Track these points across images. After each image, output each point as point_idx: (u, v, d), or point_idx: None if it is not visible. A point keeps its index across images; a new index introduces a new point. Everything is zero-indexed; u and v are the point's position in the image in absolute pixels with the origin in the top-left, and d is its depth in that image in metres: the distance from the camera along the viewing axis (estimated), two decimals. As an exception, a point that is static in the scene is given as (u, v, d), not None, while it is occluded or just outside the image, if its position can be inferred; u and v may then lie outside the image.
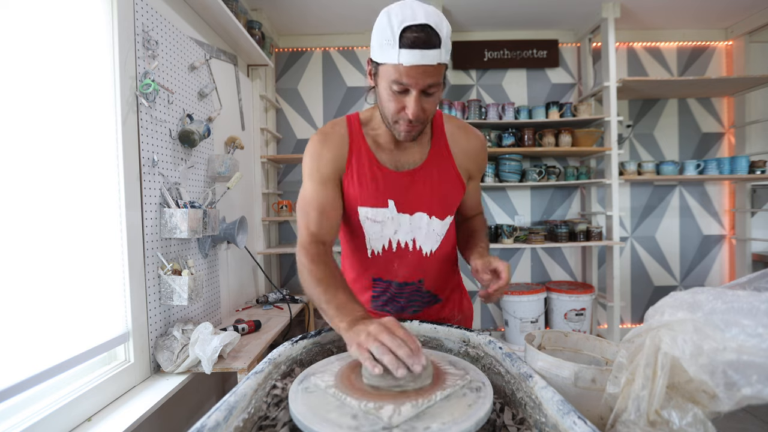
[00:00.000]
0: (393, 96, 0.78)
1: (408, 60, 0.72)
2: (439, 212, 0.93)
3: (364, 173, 0.91)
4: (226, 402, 0.52)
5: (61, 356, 1.06)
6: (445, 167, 0.93)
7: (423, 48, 0.71)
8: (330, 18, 2.76)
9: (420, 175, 0.91)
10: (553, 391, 0.52)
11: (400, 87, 0.76)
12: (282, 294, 2.33)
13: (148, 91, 1.35)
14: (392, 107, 0.80)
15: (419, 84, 0.75)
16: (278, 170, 2.99)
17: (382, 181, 0.91)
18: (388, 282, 0.99)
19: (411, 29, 0.71)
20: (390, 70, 0.75)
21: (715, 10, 2.73)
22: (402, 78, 0.74)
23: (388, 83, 0.77)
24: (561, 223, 2.70)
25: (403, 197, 0.91)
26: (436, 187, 0.92)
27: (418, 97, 0.76)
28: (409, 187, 0.91)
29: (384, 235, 0.94)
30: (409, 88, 0.76)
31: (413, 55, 0.72)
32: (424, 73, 0.74)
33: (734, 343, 0.43)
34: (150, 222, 1.38)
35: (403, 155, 0.92)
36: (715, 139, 3.06)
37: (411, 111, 0.77)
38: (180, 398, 1.61)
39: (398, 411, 0.50)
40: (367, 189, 0.91)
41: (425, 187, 0.92)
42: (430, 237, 0.95)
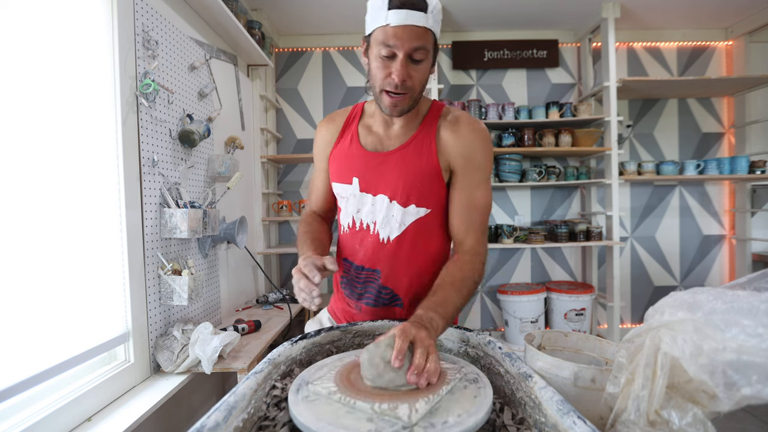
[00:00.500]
0: (381, 63, 0.79)
1: (395, 19, 0.75)
2: (401, 197, 0.88)
3: (342, 151, 0.95)
4: (225, 402, 0.52)
5: (61, 356, 1.06)
6: (420, 154, 0.88)
7: (410, 9, 0.74)
8: (330, 18, 2.76)
9: (392, 158, 0.89)
10: (552, 391, 0.52)
11: (388, 50, 0.77)
12: (282, 294, 2.33)
13: (148, 91, 1.35)
14: (380, 75, 0.80)
15: (405, 45, 0.76)
16: (278, 170, 3.00)
17: (352, 159, 0.93)
18: (349, 263, 0.98)
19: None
20: (379, 34, 0.78)
21: (715, 10, 2.73)
22: (389, 39, 0.76)
23: (377, 50, 0.79)
24: (561, 223, 2.70)
25: (368, 177, 0.91)
26: (404, 172, 0.88)
27: (404, 61, 0.77)
28: (376, 168, 0.90)
29: (348, 213, 0.96)
30: (395, 51, 0.77)
31: (400, 14, 0.75)
32: (411, 33, 0.75)
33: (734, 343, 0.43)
34: (150, 222, 1.38)
35: (386, 140, 0.92)
36: (715, 139, 3.06)
37: (396, 73, 0.77)
38: (180, 398, 1.61)
39: (414, 409, 0.51)
40: (338, 165, 0.95)
41: (393, 170, 0.89)
42: (389, 222, 0.91)
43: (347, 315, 1.03)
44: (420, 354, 0.58)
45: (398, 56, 0.77)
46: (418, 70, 0.80)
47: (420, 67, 0.80)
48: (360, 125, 0.96)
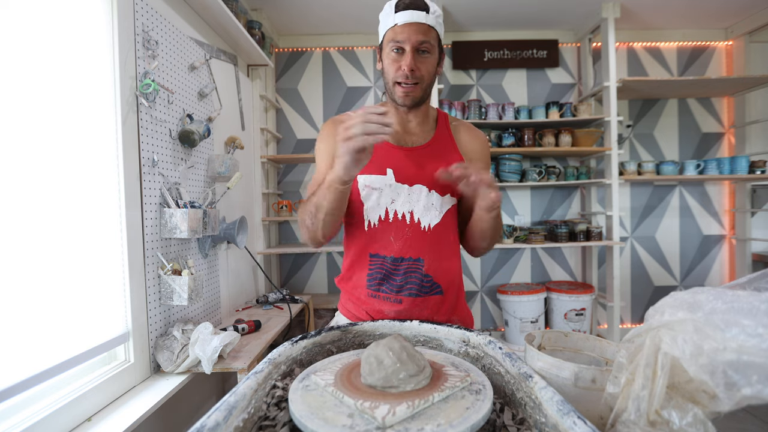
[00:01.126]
0: (392, 59, 0.91)
1: (401, 19, 0.89)
2: (439, 187, 0.96)
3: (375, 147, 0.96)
4: (225, 402, 0.52)
5: (61, 356, 1.06)
6: (448, 149, 1.01)
7: (412, 9, 0.89)
8: (330, 18, 2.76)
9: (423, 152, 0.98)
10: (553, 392, 0.52)
11: (397, 45, 0.90)
12: (282, 294, 2.33)
13: (148, 91, 1.35)
14: (392, 69, 0.92)
15: (411, 39, 0.89)
16: (278, 170, 2.99)
17: (383, 152, 0.97)
18: (382, 257, 0.96)
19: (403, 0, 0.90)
20: (389, 35, 0.91)
21: (715, 10, 2.73)
22: (397, 36, 0.89)
23: (388, 50, 0.92)
24: (561, 223, 2.70)
25: (402, 168, 0.96)
26: (438, 164, 0.92)
27: (412, 53, 0.90)
28: (409, 161, 0.97)
29: (381, 204, 0.96)
30: (403, 45, 0.90)
31: (404, 15, 0.89)
32: (416, 29, 0.89)
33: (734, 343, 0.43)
34: (150, 222, 1.38)
35: (407, 135, 1.00)
36: (715, 139, 3.06)
37: (406, 63, 0.89)
38: (180, 398, 1.61)
39: (393, 411, 0.50)
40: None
41: (430, 162, 0.97)
42: (429, 210, 0.96)
43: (378, 315, 0.97)
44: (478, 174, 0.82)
45: (406, 50, 0.89)
46: (425, 62, 0.91)
47: (427, 59, 0.91)
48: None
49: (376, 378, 0.57)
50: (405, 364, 0.58)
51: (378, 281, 0.97)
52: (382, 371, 0.58)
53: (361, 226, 0.97)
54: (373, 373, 0.58)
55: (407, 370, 0.58)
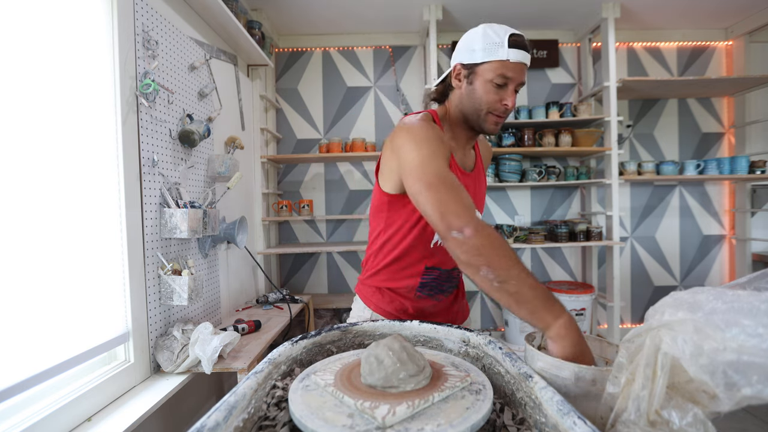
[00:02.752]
0: (493, 89, 0.92)
1: (515, 57, 0.90)
2: (481, 208, 1.09)
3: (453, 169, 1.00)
4: (225, 402, 0.52)
5: (61, 356, 1.06)
6: (482, 169, 1.11)
7: (525, 50, 0.92)
8: (330, 18, 2.76)
9: (477, 176, 1.07)
10: (553, 392, 0.52)
11: (503, 80, 0.91)
12: (282, 294, 2.33)
13: (148, 91, 1.35)
14: (491, 98, 0.93)
15: (518, 78, 0.92)
16: (278, 170, 2.99)
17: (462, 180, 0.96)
18: (440, 270, 1.06)
19: (516, 36, 0.91)
20: (496, 66, 0.91)
21: (715, 10, 2.73)
22: (508, 72, 0.91)
23: (491, 77, 0.92)
24: (561, 223, 2.70)
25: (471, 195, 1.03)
26: (480, 187, 1.09)
27: (514, 90, 0.93)
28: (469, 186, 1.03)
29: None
30: (509, 83, 0.92)
31: (519, 54, 0.91)
32: (522, 70, 0.92)
33: (734, 344, 0.43)
34: (150, 222, 1.38)
35: (464, 157, 1.05)
36: (715, 139, 3.06)
37: (510, 101, 0.93)
38: (180, 398, 1.61)
39: (393, 411, 0.50)
40: None
41: (476, 186, 1.06)
42: None
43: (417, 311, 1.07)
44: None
45: (509, 87, 0.92)
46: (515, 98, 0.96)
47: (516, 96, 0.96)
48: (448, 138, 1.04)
49: (376, 378, 0.57)
50: (405, 364, 0.58)
51: (429, 288, 1.07)
52: (382, 371, 0.58)
53: (427, 243, 1.02)
54: (373, 373, 0.58)
55: (407, 370, 0.58)
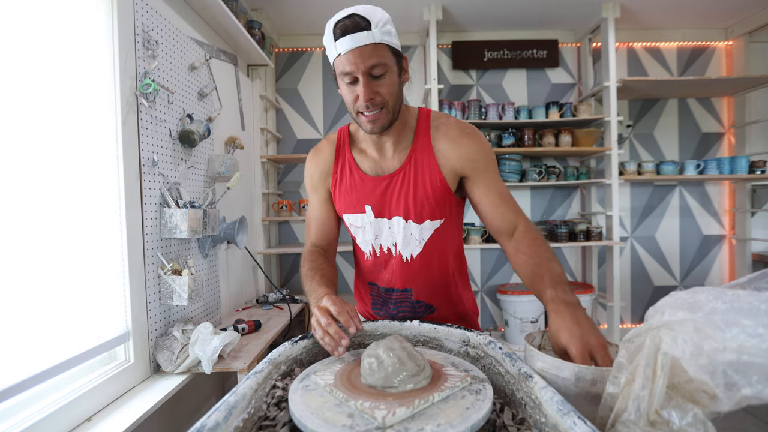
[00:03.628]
0: (348, 90, 0.83)
1: (343, 47, 0.78)
2: (415, 215, 0.92)
3: (345, 182, 0.96)
4: (225, 402, 0.52)
5: (62, 356, 1.06)
6: (424, 168, 0.91)
7: (351, 32, 0.78)
8: (330, 18, 2.75)
9: (397, 178, 0.92)
10: (552, 392, 0.52)
11: (348, 77, 0.81)
12: (282, 294, 2.33)
13: (148, 91, 1.35)
14: (350, 100, 0.84)
15: (360, 66, 0.79)
16: (278, 170, 2.99)
17: (360, 187, 0.94)
18: (378, 287, 1.02)
19: (340, 22, 0.79)
20: (337, 65, 0.82)
21: (715, 10, 2.73)
22: (345, 66, 0.80)
23: (341, 80, 0.83)
24: (561, 223, 2.70)
25: (379, 202, 0.93)
26: (413, 191, 0.91)
27: (366, 81, 0.80)
28: (384, 192, 0.93)
29: (367, 240, 0.98)
30: (354, 75, 0.80)
31: (345, 42, 0.78)
32: (361, 55, 0.78)
33: (734, 344, 0.43)
34: (150, 222, 1.38)
35: (383, 160, 0.94)
36: (715, 139, 3.06)
37: (362, 94, 0.81)
38: (180, 398, 1.61)
39: (393, 412, 0.50)
40: (347, 196, 0.96)
41: (401, 190, 0.91)
42: (409, 242, 0.94)
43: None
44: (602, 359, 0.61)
45: (359, 79, 0.80)
46: (383, 85, 0.82)
47: (384, 81, 0.82)
48: (353, 151, 0.97)
49: (376, 378, 0.57)
50: (405, 364, 0.58)
51: (379, 306, 1.05)
52: (382, 371, 0.58)
53: (362, 256, 1.02)
54: (373, 373, 0.58)
55: (407, 370, 0.58)
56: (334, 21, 0.80)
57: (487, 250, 2.99)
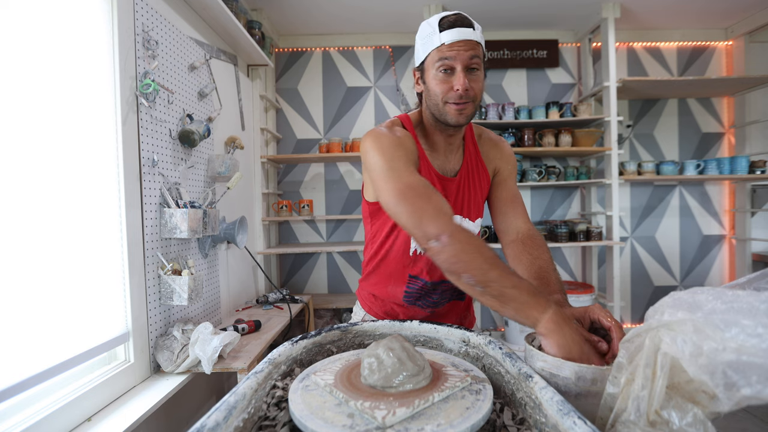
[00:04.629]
0: (441, 78, 0.86)
1: (449, 38, 0.83)
2: (471, 214, 1.00)
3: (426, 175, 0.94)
4: (225, 402, 0.52)
5: (62, 356, 1.06)
6: (478, 170, 1.00)
7: (459, 27, 0.84)
8: (330, 18, 2.76)
9: (461, 181, 0.98)
10: (553, 392, 0.52)
11: (446, 64, 0.84)
12: (282, 294, 2.33)
13: (148, 91, 1.35)
14: (442, 88, 0.86)
15: (462, 57, 0.84)
16: (278, 170, 2.99)
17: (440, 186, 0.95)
18: (423, 281, 1.01)
19: (447, 17, 0.85)
20: (435, 55, 0.86)
21: (715, 10, 2.73)
22: (446, 54, 0.84)
23: (435, 69, 0.86)
24: (561, 223, 2.70)
25: (451, 201, 0.96)
26: (472, 193, 0.99)
27: (463, 72, 0.84)
28: (451, 192, 0.97)
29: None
30: (453, 65, 0.84)
31: (452, 33, 0.83)
32: (465, 46, 0.83)
33: (734, 344, 0.43)
34: (150, 222, 1.38)
35: (445, 160, 0.98)
36: (715, 139, 3.06)
37: (459, 83, 0.84)
38: (180, 398, 1.61)
39: (393, 412, 0.50)
40: None
41: (464, 192, 0.98)
42: None
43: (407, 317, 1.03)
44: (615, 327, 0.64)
45: (457, 69, 0.84)
46: (476, 80, 0.86)
47: (477, 76, 0.86)
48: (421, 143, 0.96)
49: (376, 378, 0.57)
50: (405, 364, 0.58)
51: (415, 297, 1.04)
52: (382, 371, 0.58)
53: (407, 251, 1.00)
54: (373, 374, 0.58)
55: (407, 370, 0.58)
56: (439, 17, 0.86)
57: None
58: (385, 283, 1.06)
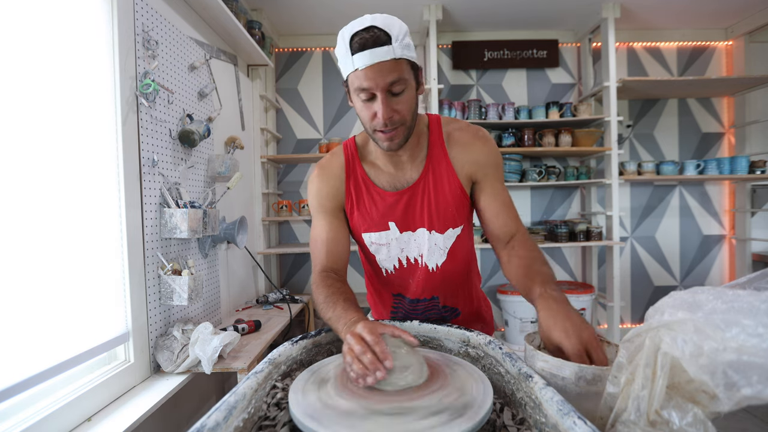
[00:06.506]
0: (364, 106, 0.78)
1: (361, 62, 0.73)
2: (438, 226, 0.91)
3: (363, 199, 0.92)
4: (225, 402, 0.52)
5: (62, 356, 1.06)
6: (442, 178, 0.90)
7: (372, 47, 0.72)
8: (330, 18, 2.76)
9: (417, 190, 0.90)
10: (553, 392, 0.52)
11: (366, 93, 0.76)
12: (282, 294, 2.33)
13: (148, 91, 1.35)
14: (366, 117, 0.79)
15: (379, 84, 0.74)
16: (278, 170, 3.00)
17: (381, 204, 0.91)
18: (402, 297, 1.01)
19: (358, 34, 0.74)
20: (353, 80, 0.76)
21: (714, 10, 2.73)
22: (362, 82, 0.74)
23: (356, 95, 0.78)
24: (561, 223, 2.70)
25: (403, 216, 0.91)
26: (434, 202, 0.90)
27: (384, 98, 0.76)
28: (407, 206, 0.90)
29: (392, 256, 0.95)
30: (372, 92, 0.75)
31: (363, 56, 0.73)
32: (381, 71, 0.73)
33: (734, 343, 0.43)
34: (150, 222, 1.38)
35: (400, 173, 0.91)
36: (715, 139, 3.06)
37: (380, 113, 0.76)
38: (180, 398, 1.61)
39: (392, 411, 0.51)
40: (367, 215, 0.92)
41: (423, 202, 0.90)
42: (434, 252, 0.93)
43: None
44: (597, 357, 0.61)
45: (377, 96, 0.76)
46: (402, 102, 0.78)
47: (403, 98, 0.78)
48: (364, 165, 0.93)
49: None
50: (403, 363, 0.58)
51: (401, 317, 1.04)
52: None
53: (380, 272, 1.00)
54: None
55: (405, 369, 0.58)
56: (350, 32, 0.75)
57: (487, 250, 2.98)
58: (378, 300, 1.08)
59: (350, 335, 0.65)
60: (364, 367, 0.59)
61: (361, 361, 0.60)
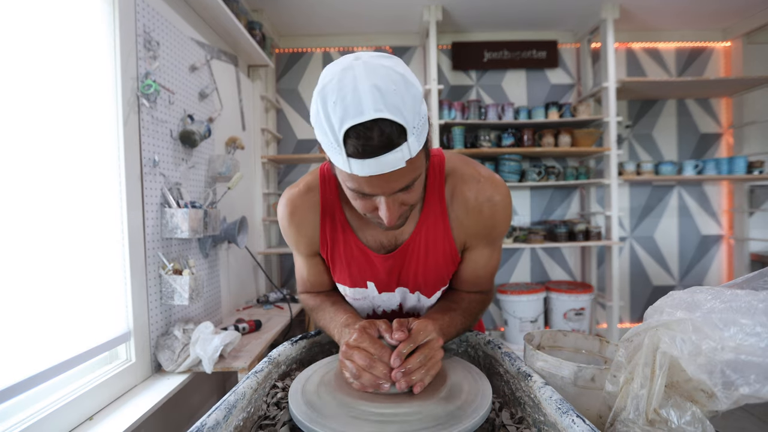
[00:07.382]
0: (357, 197, 0.61)
1: (362, 171, 0.53)
2: (426, 291, 0.79)
3: (340, 252, 0.76)
4: (225, 401, 0.52)
5: (63, 355, 1.06)
6: (436, 240, 0.74)
7: (378, 155, 0.52)
8: (331, 18, 2.76)
9: (406, 252, 0.75)
10: (551, 390, 0.53)
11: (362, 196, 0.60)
12: (282, 294, 2.33)
13: (149, 92, 1.35)
14: (361, 206, 0.62)
15: (386, 191, 0.57)
16: (279, 170, 3.00)
17: (361, 263, 0.76)
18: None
19: (356, 131, 0.51)
20: (345, 177, 0.58)
21: (713, 11, 2.74)
22: (363, 188, 0.57)
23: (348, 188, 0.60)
24: (560, 223, 2.71)
25: (385, 279, 0.78)
26: (423, 266, 0.75)
27: (391, 202, 0.59)
28: (391, 268, 0.76)
29: (364, 308, 0.86)
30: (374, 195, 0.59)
31: (367, 165, 0.53)
32: (389, 179, 0.55)
33: (732, 343, 0.43)
34: (151, 222, 1.39)
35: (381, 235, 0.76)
36: (714, 140, 3.07)
37: (385, 218, 0.60)
38: (180, 397, 1.62)
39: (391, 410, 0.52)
40: (344, 269, 0.78)
41: (410, 266, 0.76)
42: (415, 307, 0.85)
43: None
44: (420, 360, 0.57)
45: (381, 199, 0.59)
46: (412, 192, 0.60)
47: (413, 189, 0.60)
48: (345, 209, 0.76)
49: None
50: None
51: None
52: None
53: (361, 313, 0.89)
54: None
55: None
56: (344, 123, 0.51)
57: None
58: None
59: (351, 349, 0.58)
60: (375, 377, 0.56)
61: (372, 373, 0.56)
